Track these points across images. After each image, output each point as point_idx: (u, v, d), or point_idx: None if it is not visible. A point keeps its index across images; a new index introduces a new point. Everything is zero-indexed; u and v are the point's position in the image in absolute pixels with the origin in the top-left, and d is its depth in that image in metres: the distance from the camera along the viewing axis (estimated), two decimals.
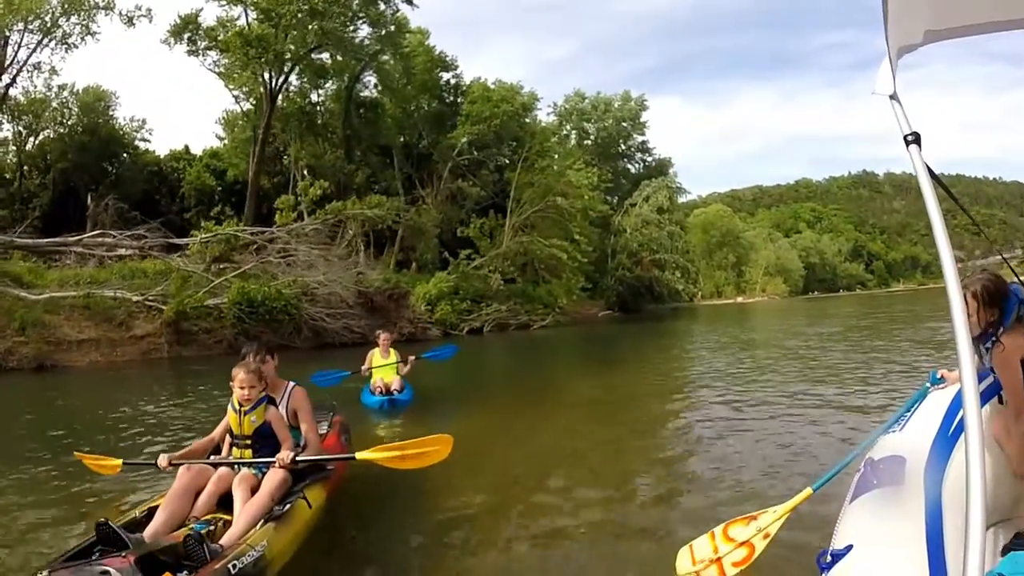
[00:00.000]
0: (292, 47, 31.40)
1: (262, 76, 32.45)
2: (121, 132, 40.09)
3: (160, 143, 50.65)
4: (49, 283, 22.37)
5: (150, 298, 22.20)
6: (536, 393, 12.43)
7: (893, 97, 2.18)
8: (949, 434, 3.31)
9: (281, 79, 32.75)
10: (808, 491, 3.41)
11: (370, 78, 36.77)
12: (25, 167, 38.23)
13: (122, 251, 25.79)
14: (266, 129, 32.62)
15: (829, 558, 2.69)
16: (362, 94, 36.71)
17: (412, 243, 32.27)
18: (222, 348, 21.60)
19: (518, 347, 25.14)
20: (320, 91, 37.40)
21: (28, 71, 32.92)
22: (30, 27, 31.11)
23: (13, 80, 32.14)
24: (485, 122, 34.49)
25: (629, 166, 54.80)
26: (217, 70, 33.90)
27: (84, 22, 32.29)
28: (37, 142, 38.53)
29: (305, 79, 35.76)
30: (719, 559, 3.29)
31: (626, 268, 45.00)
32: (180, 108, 74.70)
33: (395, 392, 10.12)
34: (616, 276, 44.75)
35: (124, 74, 63.17)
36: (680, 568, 3.38)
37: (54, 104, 37.38)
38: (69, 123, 38.35)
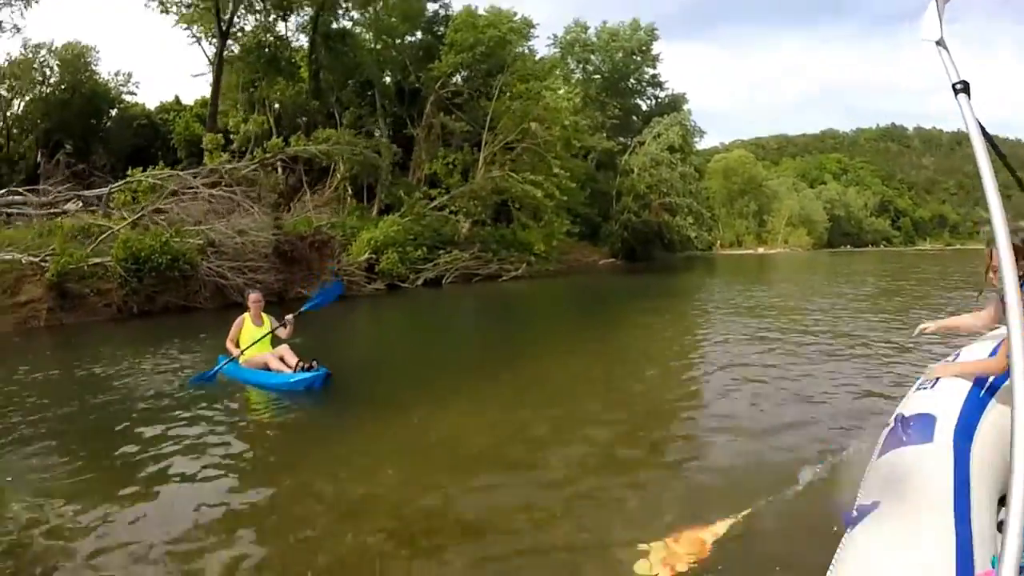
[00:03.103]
0: None
1: (213, 10, 26.72)
2: (106, 87, 35.90)
3: (152, 96, 46.20)
4: None
5: (46, 258, 17.08)
6: (479, 361, 9.67)
7: (940, 43, 1.84)
8: (981, 395, 3.04)
9: (231, 9, 26.88)
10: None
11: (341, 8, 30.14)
12: (14, 130, 34.62)
13: (58, 209, 20.94)
14: (219, 65, 27.11)
15: (855, 512, 2.55)
16: (333, 26, 30.09)
17: (363, 180, 25.97)
18: (110, 313, 16.65)
19: (478, 302, 19.55)
20: (287, 23, 31.09)
21: None
22: None
23: None
24: (470, 50, 27.76)
25: (640, 102, 46.25)
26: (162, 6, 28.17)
27: None
28: (22, 105, 34.67)
29: (265, 10, 29.56)
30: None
31: (632, 212, 37.52)
32: (170, 59, 70.07)
33: (314, 365, 7.26)
34: (621, 221, 37.42)
35: (108, 28, 59.75)
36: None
37: (34, 65, 33.57)
38: (51, 82, 34.43)
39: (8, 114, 34.27)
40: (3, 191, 21.12)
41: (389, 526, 3.78)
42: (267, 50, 29.72)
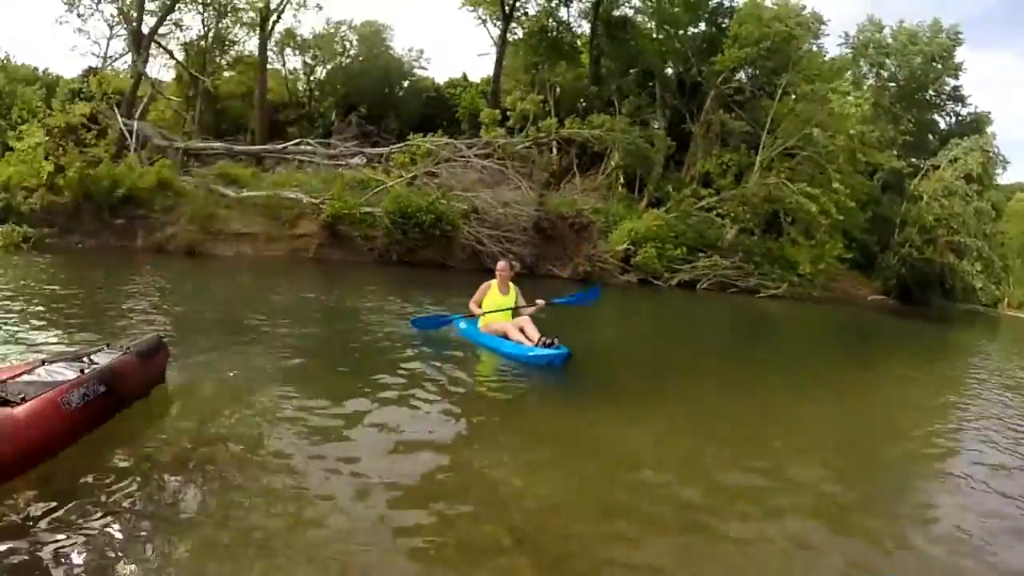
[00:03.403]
0: None
1: None
2: (399, 61, 38.83)
3: (441, 71, 49.75)
4: (263, 185, 20.06)
5: (325, 201, 18.68)
6: (707, 377, 8.37)
7: None
8: None
9: None
10: None
11: None
12: (316, 93, 38.59)
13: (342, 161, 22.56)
14: (502, 45, 27.48)
15: None
16: (614, 13, 29.08)
17: (636, 171, 24.56)
18: (372, 257, 18.10)
19: (728, 315, 17.66)
20: (569, 8, 30.50)
21: (294, 8, 32.83)
22: None
23: (279, 17, 32.11)
24: (755, 45, 25.12)
25: (938, 118, 39.28)
26: None
27: None
28: (324, 72, 38.73)
29: None
30: None
31: (915, 246, 31.82)
32: (459, 39, 73.78)
33: (555, 342, 6.93)
34: (900, 254, 31.82)
35: (404, 9, 65.27)
36: None
37: (336, 39, 37.59)
38: (350, 54, 38.24)
39: (311, 78, 38.52)
40: (296, 140, 23.07)
41: (520, 527, 3.37)
42: (549, 34, 29.54)
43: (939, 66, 35.27)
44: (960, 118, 38.49)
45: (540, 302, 7.80)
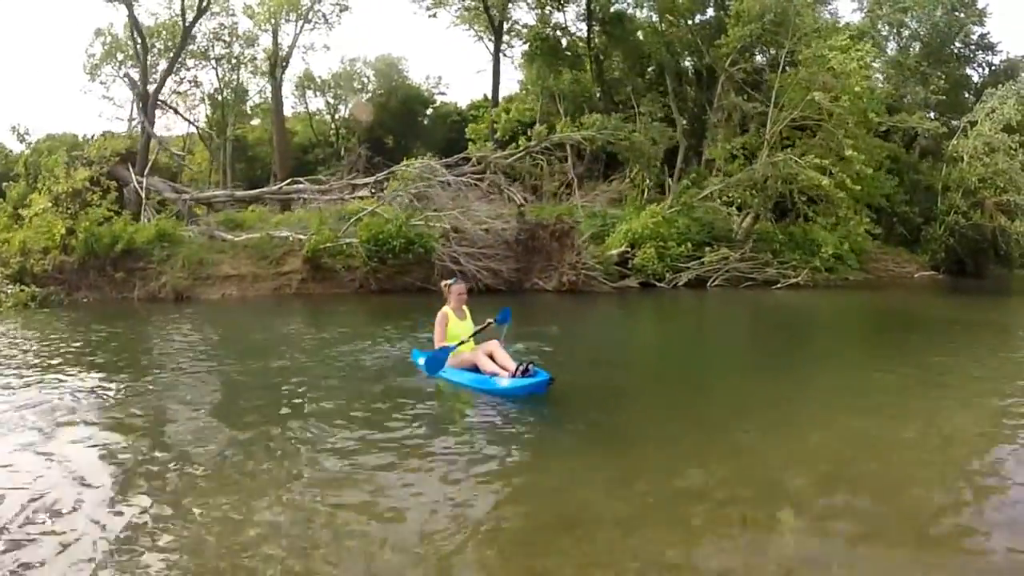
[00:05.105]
0: None
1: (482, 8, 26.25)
2: (418, 90, 38.68)
3: (465, 94, 49.80)
4: (267, 226, 19.09)
5: (312, 236, 17.39)
6: (717, 395, 6.61)
7: None
8: None
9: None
10: None
11: None
12: (342, 130, 38.34)
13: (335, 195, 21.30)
14: (496, 61, 26.23)
15: None
16: (611, 9, 26.40)
17: (637, 166, 21.86)
18: (353, 287, 16.76)
19: (739, 313, 15.02)
20: (564, 13, 28.01)
21: (302, 51, 33.34)
22: (288, 18, 30.91)
23: (287, 62, 32.23)
24: (758, 20, 21.74)
25: (970, 72, 34.12)
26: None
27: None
28: (347, 109, 38.66)
29: (539, 3, 27.22)
30: None
31: (960, 212, 27.47)
32: (474, 60, 72.01)
33: (530, 368, 5.76)
34: (946, 223, 27.58)
35: (419, 38, 66.31)
36: None
37: (353, 75, 37.87)
38: (369, 88, 38.31)
39: (336, 117, 38.59)
40: (289, 180, 22.22)
41: None
42: (547, 42, 27.47)
43: (962, 15, 30.82)
44: (993, 68, 33.59)
45: (490, 322, 6.56)
